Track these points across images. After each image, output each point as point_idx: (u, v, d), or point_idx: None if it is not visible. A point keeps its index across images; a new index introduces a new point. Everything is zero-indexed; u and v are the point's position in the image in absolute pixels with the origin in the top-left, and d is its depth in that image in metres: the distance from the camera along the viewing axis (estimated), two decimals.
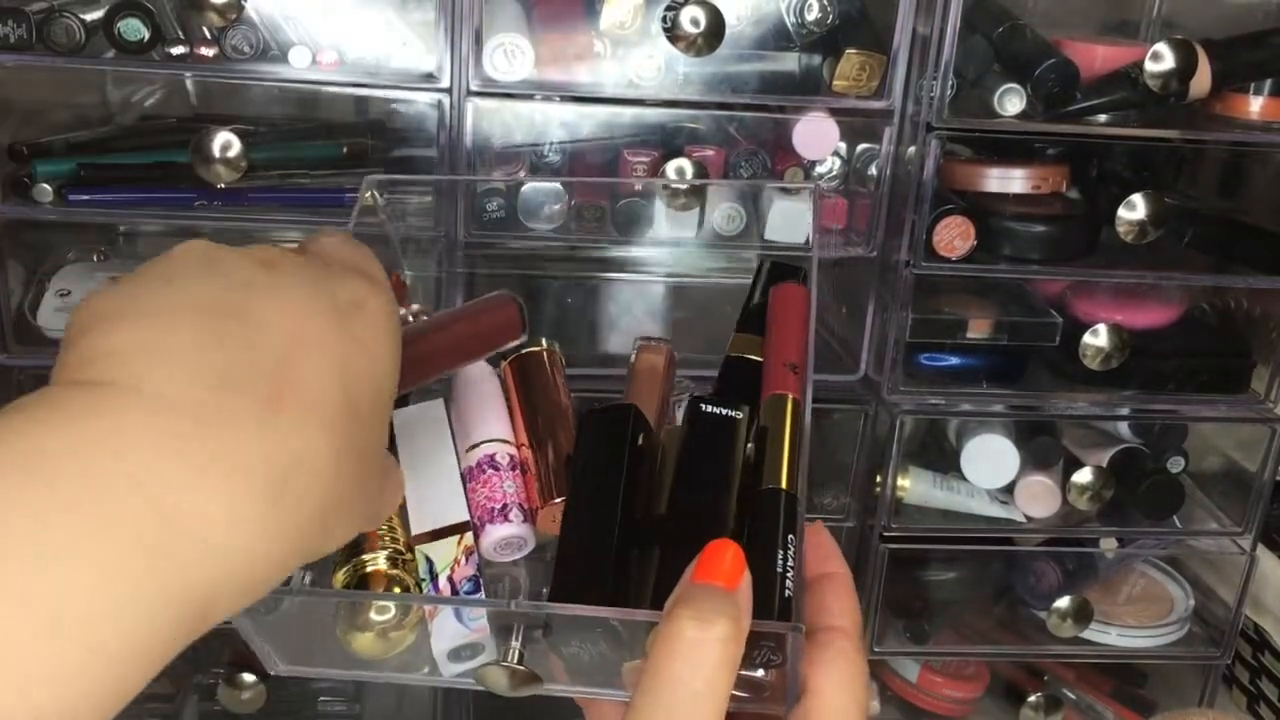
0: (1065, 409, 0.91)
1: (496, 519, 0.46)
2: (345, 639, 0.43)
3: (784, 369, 0.42)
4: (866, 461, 0.91)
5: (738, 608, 0.31)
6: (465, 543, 0.46)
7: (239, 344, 0.30)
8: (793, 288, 0.46)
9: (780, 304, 0.46)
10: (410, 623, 0.43)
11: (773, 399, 0.41)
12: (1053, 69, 0.78)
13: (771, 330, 0.45)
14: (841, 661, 0.35)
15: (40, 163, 0.79)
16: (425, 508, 0.47)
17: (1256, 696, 1.02)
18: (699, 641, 0.30)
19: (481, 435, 0.50)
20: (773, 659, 0.34)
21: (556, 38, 0.77)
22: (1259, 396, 0.91)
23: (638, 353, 0.49)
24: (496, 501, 0.47)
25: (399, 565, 0.46)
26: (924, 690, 1.01)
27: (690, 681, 0.29)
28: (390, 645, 0.43)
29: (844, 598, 0.37)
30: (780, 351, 0.43)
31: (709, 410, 0.41)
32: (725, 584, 0.31)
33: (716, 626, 0.30)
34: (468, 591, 0.45)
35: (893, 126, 0.82)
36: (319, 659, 0.43)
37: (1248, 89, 0.85)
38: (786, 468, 0.39)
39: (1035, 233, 0.84)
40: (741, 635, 0.31)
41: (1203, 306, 0.96)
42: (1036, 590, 0.96)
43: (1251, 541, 0.94)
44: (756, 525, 0.38)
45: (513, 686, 0.38)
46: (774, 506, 0.38)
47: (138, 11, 0.74)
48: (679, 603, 0.31)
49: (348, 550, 0.46)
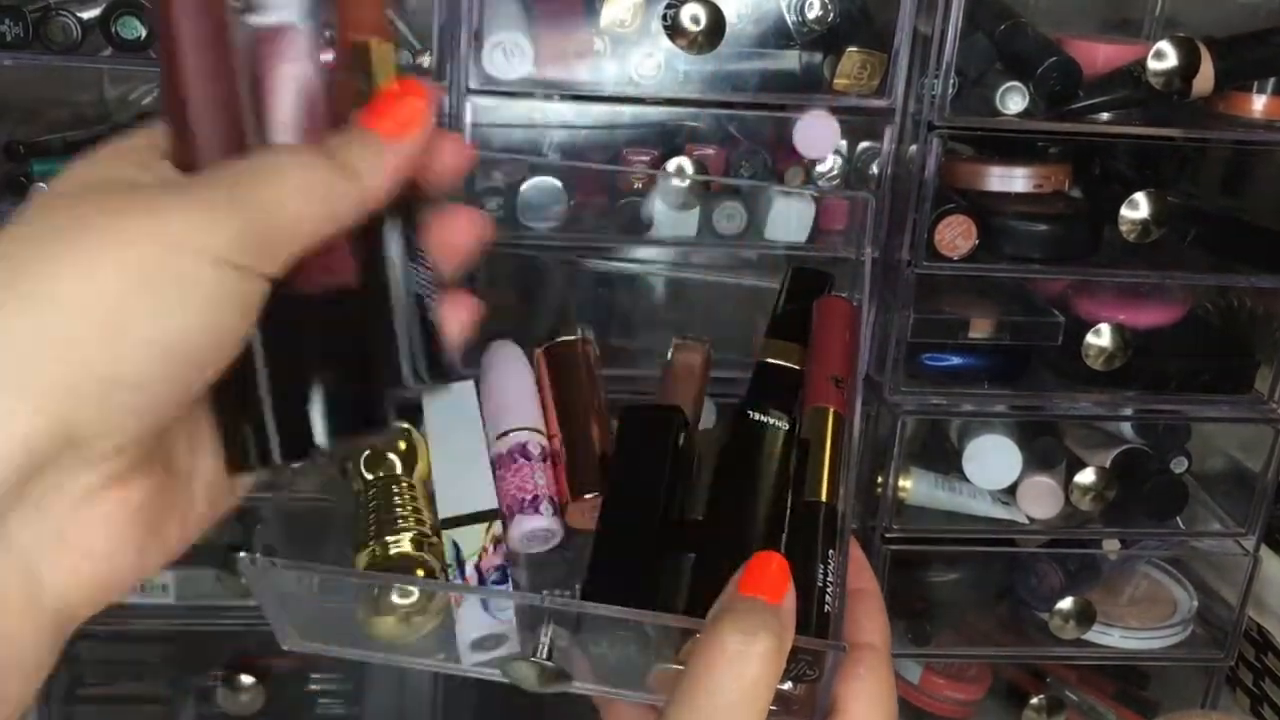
0: (1067, 409, 0.90)
1: (527, 510, 0.46)
2: (365, 622, 0.42)
3: (827, 381, 0.42)
4: (868, 462, 0.91)
5: (781, 623, 0.31)
6: (494, 531, 0.46)
7: None
8: (838, 301, 0.47)
9: (826, 316, 0.46)
10: (435, 608, 0.43)
11: (815, 411, 0.42)
12: (1055, 67, 0.78)
13: (816, 342, 0.45)
14: (872, 680, 0.35)
15: (37, 162, 0.79)
16: (453, 491, 0.47)
17: (1260, 698, 1.02)
18: (741, 655, 0.30)
19: (514, 422, 0.49)
20: (807, 674, 0.33)
21: (556, 36, 0.77)
22: (1263, 397, 0.91)
23: (674, 351, 0.49)
24: (527, 492, 0.46)
25: (424, 548, 0.45)
26: (926, 692, 1.00)
27: (728, 693, 0.29)
28: (411, 630, 0.43)
29: (875, 615, 0.37)
30: (824, 363, 0.43)
31: (755, 418, 0.42)
32: (770, 597, 0.31)
33: (760, 641, 0.30)
34: (495, 581, 0.45)
35: (894, 125, 0.82)
36: (332, 637, 0.42)
37: (1251, 87, 0.84)
38: (827, 481, 0.39)
39: (1037, 232, 0.84)
40: (784, 651, 0.31)
41: (1206, 306, 0.96)
42: (1039, 591, 0.96)
43: (1255, 542, 0.94)
44: (797, 537, 0.38)
45: (541, 682, 0.37)
46: (815, 519, 0.38)
47: (135, 9, 0.74)
48: (724, 614, 0.31)
49: (373, 531, 0.45)
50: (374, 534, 0.45)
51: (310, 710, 0.99)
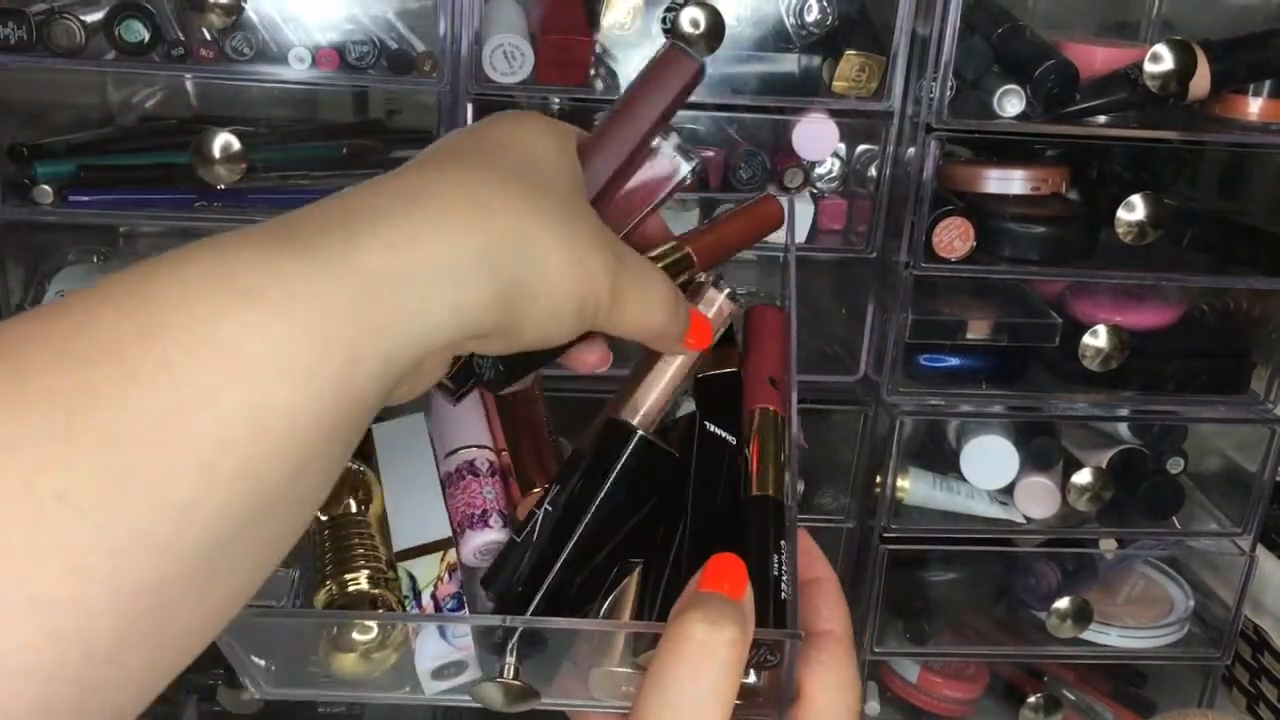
0: (1065, 410, 0.91)
1: (477, 525, 0.47)
2: (327, 660, 0.43)
3: (765, 384, 0.44)
4: (866, 462, 0.91)
5: (744, 614, 0.31)
6: (448, 559, 0.46)
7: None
8: (767, 309, 0.48)
9: (757, 324, 0.47)
10: (393, 642, 0.43)
11: (757, 412, 0.43)
12: (1052, 70, 0.78)
13: (750, 348, 0.46)
14: (834, 665, 0.36)
15: (41, 164, 0.79)
16: (407, 523, 0.47)
17: (1256, 697, 1.02)
18: (708, 643, 0.30)
19: (459, 441, 0.50)
20: (769, 659, 0.34)
21: (556, 38, 0.77)
22: (1258, 397, 0.91)
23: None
24: (476, 507, 0.47)
25: (381, 584, 0.46)
26: (924, 691, 1.01)
27: (700, 681, 0.30)
28: (373, 666, 0.43)
29: (834, 602, 0.38)
30: (760, 367, 0.45)
31: (712, 430, 0.43)
32: (730, 593, 0.32)
33: (725, 629, 0.31)
34: (451, 609, 0.45)
35: (892, 127, 0.82)
36: (304, 680, 0.43)
37: (1247, 90, 0.85)
38: (774, 476, 0.40)
39: (1035, 234, 0.84)
40: (747, 639, 0.31)
41: (1202, 307, 0.96)
42: (1036, 591, 0.96)
43: (1251, 542, 0.94)
44: (747, 531, 0.38)
45: (508, 702, 0.38)
46: (765, 513, 0.39)
47: (138, 13, 0.74)
48: (689, 607, 0.31)
49: (330, 570, 0.46)
50: (330, 572, 0.46)
51: (311, 710, 0.99)
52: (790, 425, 0.43)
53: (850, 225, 0.88)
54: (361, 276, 0.28)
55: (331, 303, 0.27)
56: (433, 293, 0.29)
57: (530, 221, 0.32)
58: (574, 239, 0.33)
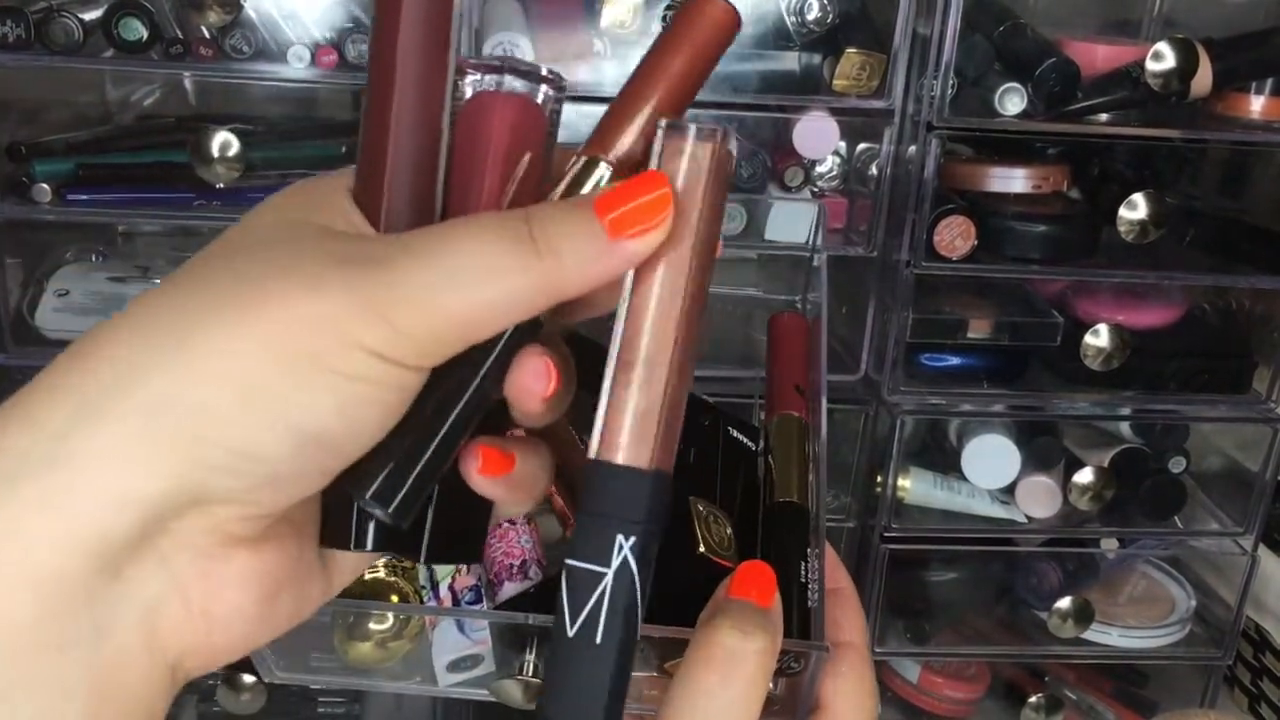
0: (1066, 409, 0.91)
1: (515, 576, 0.47)
2: (342, 648, 0.43)
3: (791, 391, 0.43)
4: (867, 462, 0.91)
5: (773, 623, 0.31)
6: None
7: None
8: (791, 316, 0.48)
9: (781, 331, 0.47)
10: (409, 632, 0.43)
11: (782, 419, 0.43)
12: (1053, 68, 0.78)
13: (775, 356, 0.46)
14: (853, 676, 0.36)
15: (39, 162, 0.79)
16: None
17: (1258, 697, 1.02)
18: (738, 652, 0.30)
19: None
20: (793, 666, 0.34)
21: (556, 36, 0.77)
22: (1260, 396, 0.91)
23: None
24: (515, 557, 0.47)
25: (398, 573, 0.46)
26: (925, 691, 1.00)
27: (729, 689, 0.30)
28: (388, 655, 0.43)
29: (852, 614, 0.38)
30: (785, 375, 0.44)
31: (735, 436, 0.43)
32: (759, 601, 0.32)
33: (756, 639, 0.30)
34: (469, 601, 0.45)
35: (893, 126, 0.82)
36: (316, 666, 0.43)
37: (1249, 88, 0.84)
38: (798, 483, 0.40)
39: (1036, 232, 0.84)
40: (776, 649, 0.31)
41: (1204, 306, 0.96)
42: (1037, 591, 0.96)
43: (1253, 542, 0.94)
44: (773, 538, 0.38)
45: (527, 699, 0.38)
46: (792, 520, 0.39)
47: (136, 11, 0.74)
48: (719, 615, 0.31)
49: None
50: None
51: (310, 709, 0.99)
52: (819, 432, 0.42)
53: (851, 224, 0.88)
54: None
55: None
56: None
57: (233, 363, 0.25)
58: (266, 315, 0.26)
